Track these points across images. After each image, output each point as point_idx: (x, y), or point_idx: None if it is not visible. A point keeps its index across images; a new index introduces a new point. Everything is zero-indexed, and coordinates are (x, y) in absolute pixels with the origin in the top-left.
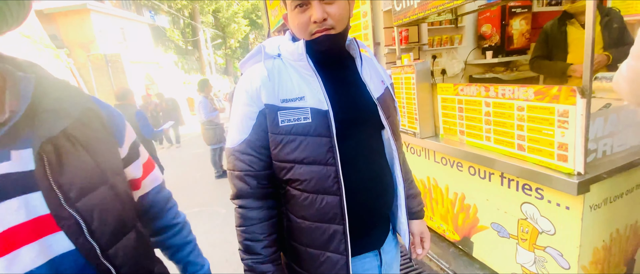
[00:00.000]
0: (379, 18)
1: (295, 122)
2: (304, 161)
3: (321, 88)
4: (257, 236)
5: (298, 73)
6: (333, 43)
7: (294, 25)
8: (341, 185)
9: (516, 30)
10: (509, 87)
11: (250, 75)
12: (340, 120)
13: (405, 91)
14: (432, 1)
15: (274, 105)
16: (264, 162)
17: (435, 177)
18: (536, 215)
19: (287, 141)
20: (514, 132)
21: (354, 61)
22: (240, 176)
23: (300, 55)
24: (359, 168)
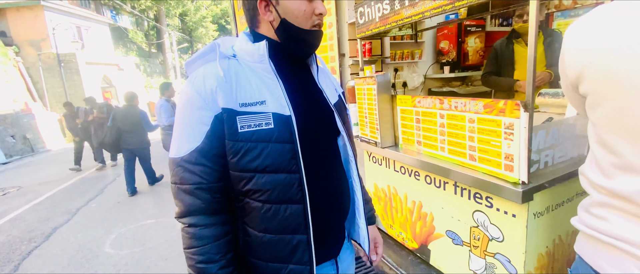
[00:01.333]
0: (344, 30)
1: (256, 128)
2: (266, 169)
3: (283, 92)
4: (213, 257)
5: (257, 76)
6: (321, 39)
7: (300, 11)
8: (305, 192)
9: (471, 47)
10: (461, 100)
11: (202, 75)
12: (301, 125)
13: (367, 101)
14: (392, 16)
15: (233, 109)
16: (218, 173)
17: (395, 186)
18: (487, 222)
19: (248, 148)
20: (465, 143)
21: (309, 69)
22: (190, 190)
23: (261, 56)
24: (319, 175)
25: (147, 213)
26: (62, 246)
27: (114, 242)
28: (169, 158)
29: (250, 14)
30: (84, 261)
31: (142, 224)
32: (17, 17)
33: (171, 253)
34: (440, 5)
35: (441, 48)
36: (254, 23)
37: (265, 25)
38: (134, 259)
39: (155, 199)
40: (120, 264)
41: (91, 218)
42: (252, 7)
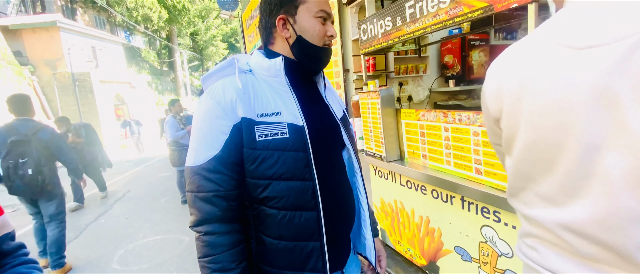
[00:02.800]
0: (348, 46)
1: (272, 137)
2: (282, 176)
3: (296, 104)
4: (228, 265)
5: (272, 89)
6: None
7: (316, 31)
8: (318, 200)
9: (476, 61)
10: (465, 113)
11: (222, 88)
12: (313, 136)
13: (372, 116)
14: (394, 32)
15: (251, 119)
16: (235, 181)
17: (402, 200)
18: (495, 237)
19: (265, 156)
20: (471, 156)
21: (317, 86)
22: (207, 197)
23: (277, 70)
24: (329, 184)
25: (155, 230)
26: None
27: (121, 258)
28: (185, 167)
29: (267, 31)
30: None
31: (150, 240)
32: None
33: (177, 269)
34: (440, 21)
35: (446, 62)
36: (269, 40)
37: (280, 42)
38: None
39: (163, 215)
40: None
41: (99, 234)
42: (270, 24)
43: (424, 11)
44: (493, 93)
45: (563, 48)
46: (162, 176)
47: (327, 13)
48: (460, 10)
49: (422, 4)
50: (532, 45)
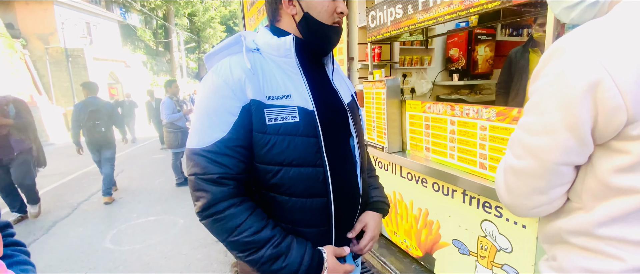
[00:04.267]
0: (354, 34)
1: (283, 121)
2: (293, 163)
3: (306, 87)
4: (259, 224)
5: (282, 70)
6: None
7: (324, 7)
8: (329, 186)
9: (481, 56)
10: (473, 107)
11: (228, 66)
12: (322, 121)
13: (376, 106)
14: (405, 20)
15: (261, 101)
16: (243, 164)
17: (401, 192)
18: (495, 232)
19: (276, 141)
20: (476, 151)
21: (325, 68)
22: (215, 179)
23: (287, 50)
24: (338, 171)
25: (150, 210)
26: (61, 241)
27: (114, 238)
28: (187, 149)
29: (272, 7)
30: (83, 256)
31: (144, 221)
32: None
33: (172, 252)
34: (454, 10)
35: (451, 56)
36: (275, 16)
37: (286, 19)
38: (134, 255)
39: (158, 197)
40: (119, 261)
41: (92, 213)
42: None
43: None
44: (635, 84)
45: None
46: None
47: None
48: (476, 0)
49: None
50: None
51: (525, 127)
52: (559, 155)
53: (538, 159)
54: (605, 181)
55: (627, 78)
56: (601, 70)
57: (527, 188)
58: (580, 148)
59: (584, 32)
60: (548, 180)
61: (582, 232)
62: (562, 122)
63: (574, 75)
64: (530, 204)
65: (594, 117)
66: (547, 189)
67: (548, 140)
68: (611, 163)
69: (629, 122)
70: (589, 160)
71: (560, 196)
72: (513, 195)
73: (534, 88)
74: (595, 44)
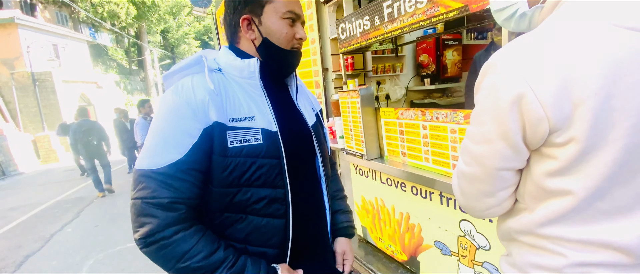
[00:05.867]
0: (327, 45)
1: (245, 143)
2: (253, 184)
3: (270, 109)
4: (210, 246)
5: (245, 91)
6: (300, 60)
7: (282, 33)
8: (289, 208)
9: (449, 60)
10: (443, 112)
11: (191, 86)
12: (286, 143)
13: (352, 115)
14: (373, 31)
15: (224, 123)
16: (197, 189)
17: (383, 198)
18: (473, 231)
19: (237, 164)
20: (448, 153)
21: (288, 90)
22: (165, 203)
23: (251, 73)
24: (301, 192)
25: (127, 237)
26: None
27: (91, 268)
28: (135, 170)
29: (231, 29)
30: None
31: (122, 248)
32: None
33: None
34: (418, 20)
35: (421, 62)
36: (234, 39)
37: (245, 42)
38: None
39: None
40: None
41: (66, 244)
42: (234, 23)
43: (402, 11)
44: (553, 96)
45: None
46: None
47: (296, 14)
48: (436, 11)
49: (399, 3)
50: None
51: (470, 136)
52: (497, 161)
53: (482, 165)
54: (540, 184)
55: (547, 91)
56: (524, 85)
57: (477, 192)
58: (515, 155)
59: (512, 49)
60: (493, 184)
61: (528, 231)
62: (496, 132)
63: (502, 89)
64: (482, 206)
65: (522, 127)
66: (494, 192)
67: (487, 148)
68: (543, 168)
69: (551, 131)
70: (527, 164)
71: (507, 198)
72: (466, 198)
73: (476, 100)
74: (519, 60)
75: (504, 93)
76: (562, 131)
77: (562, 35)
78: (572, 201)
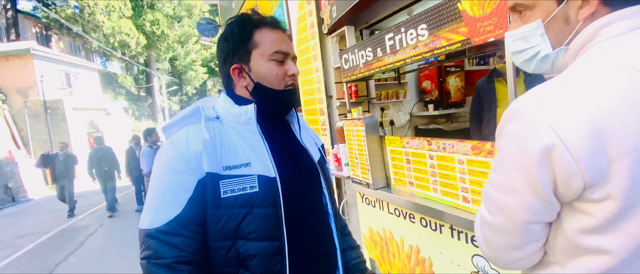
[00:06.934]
0: (330, 74)
1: (239, 192)
2: (248, 237)
3: (268, 153)
4: None
5: (242, 138)
6: (297, 97)
7: (272, 75)
8: (286, 262)
9: (452, 86)
10: (449, 142)
11: (185, 137)
12: (286, 188)
13: (357, 143)
14: (375, 62)
15: (217, 173)
16: (199, 244)
17: (391, 229)
18: (487, 267)
19: (230, 215)
20: (457, 184)
21: (290, 127)
22: (167, 263)
23: (248, 119)
24: (302, 240)
25: (131, 267)
26: None
27: None
28: (139, 231)
29: (225, 79)
30: None
31: None
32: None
33: None
34: (420, 52)
35: (424, 88)
36: (230, 86)
37: (240, 88)
38: None
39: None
40: None
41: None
42: (226, 73)
43: (403, 43)
44: (586, 151)
45: None
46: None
47: (284, 52)
48: (439, 43)
49: (401, 36)
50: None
51: (493, 183)
52: (525, 214)
53: (508, 216)
54: (573, 241)
55: (579, 144)
56: (553, 136)
57: (503, 244)
58: (545, 208)
59: (537, 95)
60: (520, 237)
61: None
62: (523, 183)
63: (528, 138)
64: (508, 258)
65: (553, 180)
66: (522, 245)
67: (514, 199)
68: (576, 223)
69: (586, 186)
70: (558, 217)
71: (537, 251)
72: (491, 249)
73: (498, 146)
74: (547, 108)
75: (531, 144)
76: (598, 187)
77: (592, 82)
78: (609, 262)
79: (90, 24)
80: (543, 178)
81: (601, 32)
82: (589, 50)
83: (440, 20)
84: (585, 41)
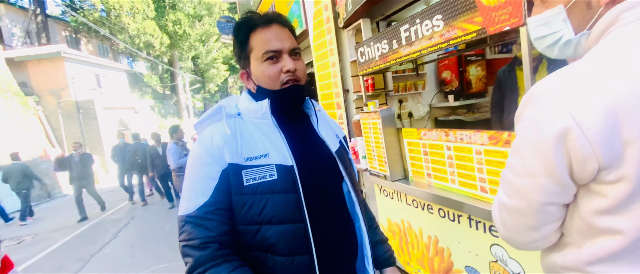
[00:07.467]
0: (347, 68)
1: (260, 180)
2: (272, 221)
3: (284, 144)
4: None
5: (260, 131)
6: (301, 92)
7: (266, 76)
8: (311, 243)
9: (473, 76)
10: (466, 132)
11: (210, 134)
12: (305, 174)
13: (374, 135)
14: (391, 55)
15: (238, 164)
16: (225, 226)
17: (409, 220)
18: (505, 256)
19: (253, 201)
20: (475, 175)
21: (309, 119)
22: (198, 244)
23: (264, 114)
24: (325, 223)
25: (162, 257)
26: None
27: None
28: (178, 217)
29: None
30: None
31: (157, 268)
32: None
33: None
34: (436, 43)
35: (443, 78)
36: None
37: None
38: None
39: (169, 243)
40: None
41: (105, 264)
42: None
43: (419, 34)
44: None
45: None
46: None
47: (275, 50)
48: (454, 34)
49: (417, 27)
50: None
51: (511, 167)
52: (542, 196)
53: (525, 199)
54: (588, 221)
55: (595, 128)
56: (569, 120)
57: (520, 225)
58: (562, 190)
59: (555, 80)
60: (537, 218)
61: (574, 268)
62: (540, 167)
63: (545, 123)
64: (526, 239)
65: (569, 163)
66: (539, 226)
67: (530, 182)
68: (592, 205)
69: (600, 168)
70: (574, 199)
71: (553, 232)
72: (508, 230)
73: (517, 131)
74: (563, 93)
75: (547, 128)
76: (612, 169)
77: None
78: (623, 241)
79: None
80: (559, 161)
81: (622, 16)
82: (610, 35)
83: (455, 11)
84: (606, 25)
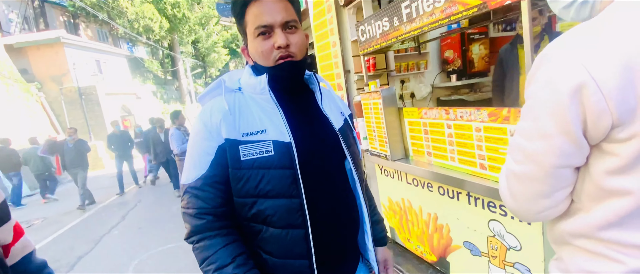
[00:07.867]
0: (348, 47)
1: (257, 156)
2: (268, 194)
3: (283, 120)
4: (226, 259)
5: (259, 107)
6: (295, 69)
7: (258, 52)
8: (306, 217)
9: (476, 55)
10: (466, 110)
11: (209, 109)
12: (303, 151)
13: (374, 115)
14: (392, 32)
15: (235, 139)
16: (220, 199)
17: (410, 199)
18: (503, 231)
19: (250, 176)
20: (474, 152)
21: (313, 95)
22: (195, 213)
23: (262, 89)
24: (323, 199)
25: (169, 238)
26: None
27: (136, 267)
28: (180, 185)
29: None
30: None
31: (164, 249)
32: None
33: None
34: (436, 19)
35: (446, 58)
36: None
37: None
38: None
39: (176, 224)
40: None
41: (114, 246)
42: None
43: (420, 11)
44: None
45: None
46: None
47: (266, 25)
48: (455, 9)
49: (417, 3)
50: None
51: (522, 132)
52: (556, 158)
53: (537, 163)
54: (599, 183)
55: (611, 83)
56: (585, 74)
57: (530, 193)
58: (576, 151)
59: (569, 37)
60: (550, 184)
61: (583, 234)
62: (555, 127)
63: (560, 80)
64: (536, 208)
65: (583, 120)
66: (550, 192)
67: (544, 144)
68: (603, 165)
69: (614, 125)
70: (586, 162)
71: (564, 199)
72: (517, 200)
73: (528, 94)
74: (579, 49)
75: (562, 84)
76: (626, 126)
77: (625, 21)
78: (632, 203)
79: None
80: (574, 118)
81: None
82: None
83: None
84: None
